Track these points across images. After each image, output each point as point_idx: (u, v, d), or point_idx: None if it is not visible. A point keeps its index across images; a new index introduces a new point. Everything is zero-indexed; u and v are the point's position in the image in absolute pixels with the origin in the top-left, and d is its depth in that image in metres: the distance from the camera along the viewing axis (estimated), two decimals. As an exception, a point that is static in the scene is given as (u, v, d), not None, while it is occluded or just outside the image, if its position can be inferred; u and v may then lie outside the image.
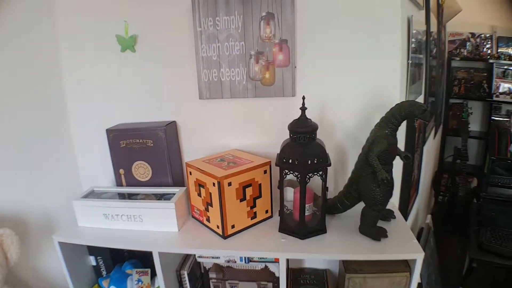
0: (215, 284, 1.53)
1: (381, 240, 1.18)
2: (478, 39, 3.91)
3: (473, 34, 3.91)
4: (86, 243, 1.37)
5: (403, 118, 1.12)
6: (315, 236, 1.23)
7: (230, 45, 1.39)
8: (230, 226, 1.25)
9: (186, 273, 1.40)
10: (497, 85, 3.70)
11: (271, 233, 1.28)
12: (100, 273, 1.56)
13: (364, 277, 1.21)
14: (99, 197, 1.44)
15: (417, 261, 1.12)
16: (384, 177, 1.10)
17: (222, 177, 1.18)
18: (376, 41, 1.33)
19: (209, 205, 1.28)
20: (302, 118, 1.19)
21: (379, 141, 1.12)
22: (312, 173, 1.16)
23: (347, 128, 1.43)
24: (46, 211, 1.52)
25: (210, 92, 1.46)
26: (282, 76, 1.39)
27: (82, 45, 1.52)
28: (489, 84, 3.72)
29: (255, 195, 1.30)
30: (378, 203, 1.16)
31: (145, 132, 1.43)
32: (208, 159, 1.37)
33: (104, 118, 1.57)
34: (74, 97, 1.61)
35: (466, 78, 3.89)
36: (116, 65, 1.52)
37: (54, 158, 1.57)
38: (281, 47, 1.36)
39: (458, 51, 3.95)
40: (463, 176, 3.27)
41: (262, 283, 1.49)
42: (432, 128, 2.71)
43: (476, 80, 3.84)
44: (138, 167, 1.49)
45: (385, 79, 1.37)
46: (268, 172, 1.32)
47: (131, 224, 1.35)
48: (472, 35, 3.92)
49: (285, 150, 1.19)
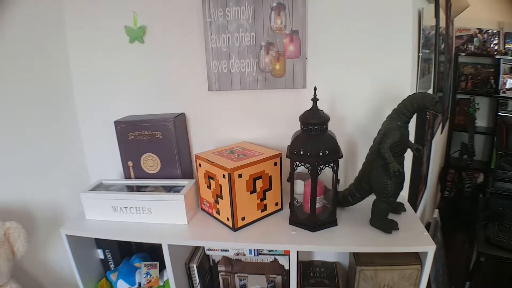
0: (224, 277, 1.53)
1: (392, 232, 1.17)
2: (485, 35, 3.89)
3: (480, 30, 3.89)
4: (94, 236, 1.36)
5: (415, 109, 1.10)
6: (326, 228, 1.22)
7: (240, 36, 1.37)
8: (240, 218, 1.24)
9: (195, 266, 1.40)
10: (504, 81, 3.69)
11: (281, 226, 1.27)
12: (108, 267, 1.55)
13: (375, 270, 1.20)
14: (107, 190, 1.43)
15: (429, 254, 1.11)
16: (397, 169, 1.10)
17: (232, 169, 1.17)
18: (387, 33, 1.32)
19: (219, 197, 1.27)
20: (313, 109, 1.17)
21: (391, 132, 1.11)
22: (324, 165, 1.15)
23: (357, 121, 1.42)
24: (54, 204, 1.52)
25: (219, 84, 1.45)
26: (293, 68, 1.37)
27: (90, 37, 1.52)
28: (496, 80, 3.71)
29: (265, 188, 1.29)
30: (389, 195, 1.15)
31: (154, 124, 1.42)
32: (217, 151, 1.36)
33: (112, 110, 1.56)
34: (82, 89, 1.61)
35: (473, 73, 3.89)
36: (124, 56, 1.51)
37: (62, 151, 1.57)
38: (291, 38, 1.34)
39: (465, 47, 3.94)
40: (470, 172, 3.27)
41: (271, 276, 1.49)
42: (440, 123, 2.70)
43: (483, 76, 3.84)
44: (146, 160, 1.48)
45: (395, 72, 1.35)
46: (278, 164, 1.31)
47: (140, 216, 1.34)
48: (479, 30, 3.90)
49: (296, 141, 1.18)
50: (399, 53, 1.34)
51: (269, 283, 1.51)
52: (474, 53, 3.87)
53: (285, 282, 1.50)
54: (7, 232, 1.18)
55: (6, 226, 1.18)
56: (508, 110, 3.75)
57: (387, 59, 1.34)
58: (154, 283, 1.44)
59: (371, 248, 1.13)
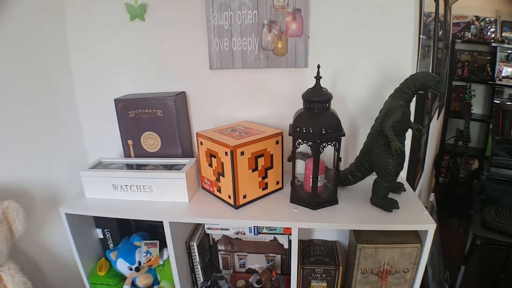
0: (224, 256, 1.54)
1: (393, 211, 1.18)
2: (483, 22, 3.90)
3: (477, 18, 3.90)
4: (93, 214, 1.34)
5: (417, 89, 1.10)
6: (327, 206, 1.23)
7: (242, 13, 1.36)
8: (241, 196, 1.24)
9: (196, 244, 1.40)
10: (500, 68, 3.73)
11: (283, 204, 1.27)
12: (107, 246, 1.55)
13: (376, 248, 1.21)
14: (107, 168, 1.42)
15: (429, 232, 1.12)
16: (398, 147, 1.10)
17: (235, 146, 1.16)
18: (389, 13, 1.30)
19: (220, 175, 1.27)
20: (316, 87, 1.17)
21: (393, 111, 1.11)
22: (326, 143, 1.15)
23: (359, 100, 1.42)
24: (53, 184, 1.51)
25: (221, 62, 1.43)
26: (295, 46, 1.36)
27: (90, 14, 1.49)
28: (492, 68, 3.75)
29: (267, 166, 1.29)
30: (390, 174, 1.15)
31: (154, 102, 1.41)
32: (219, 130, 1.36)
33: (112, 88, 1.54)
34: (80, 67, 1.58)
35: (469, 61, 3.92)
36: (124, 34, 1.49)
37: (60, 130, 1.56)
38: (294, 16, 1.33)
39: (462, 34, 3.95)
40: (465, 158, 3.30)
41: (270, 255, 1.50)
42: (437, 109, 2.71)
43: (480, 63, 3.88)
44: (147, 138, 1.47)
45: (397, 52, 1.35)
46: (280, 142, 1.31)
47: (140, 194, 1.33)
48: (476, 18, 3.91)
49: (298, 119, 1.18)
50: (401, 33, 1.33)
51: (268, 262, 1.52)
52: (471, 40, 3.88)
53: (284, 261, 1.51)
54: (5, 211, 1.17)
55: (4, 205, 1.18)
56: (503, 98, 3.81)
57: (389, 40, 1.33)
58: (154, 261, 1.43)
59: (372, 225, 1.14)
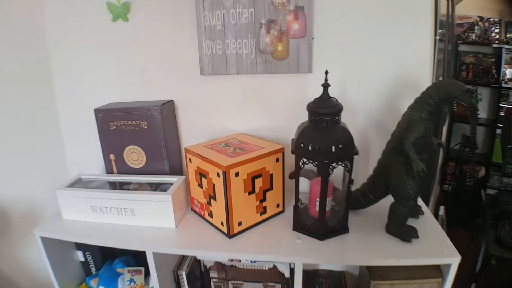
0: (217, 284, 1.43)
1: (412, 241, 1.04)
2: (487, 23, 3.86)
3: (481, 18, 3.87)
4: (70, 239, 1.24)
5: (441, 99, 0.98)
6: (336, 236, 1.09)
7: (237, 12, 1.27)
8: (236, 223, 1.11)
9: (185, 273, 1.29)
10: (505, 71, 3.68)
11: (285, 232, 1.14)
12: (89, 270, 1.47)
13: (392, 284, 1.10)
14: (86, 186, 1.33)
15: (452, 266, 1.00)
16: (421, 168, 0.97)
17: (228, 166, 1.03)
18: (404, 12, 1.22)
19: (212, 198, 1.14)
20: (324, 97, 1.03)
21: (415, 125, 0.98)
22: (336, 163, 1.01)
23: (370, 111, 1.33)
24: (30, 201, 1.45)
25: (213, 67, 1.35)
26: (297, 49, 1.28)
27: (69, 13, 1.42)
28: (497, 70, 3.70)
29: (266, 187, 1.17)
30: (410, 199, 1.02)
31: (138, 113, 1.32)
32: (210, 144, 1.24)
33: (93, 96, 1.47)
34: (60, 73, 1.51)
35: (474, 63, 3.88)
36: (107, 36, 1.42)
37: (39, 142, 1.49)
38: (296, 15, 1.23)
39: (466, 35, 3.91)
40: (471, 165, 3.21)
41: (269, 284, 1.37)
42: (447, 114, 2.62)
43: (484, 65, 3.82)
44: (130, 153, 1.39)
45: (413, 56, 1.26)
46: (280, 160, 1.18)
47: (121, 218, 1.23)
48: (480, 18, 3.88)
49: (303, 134, 1.04)
50: (417, 34, 1.24)
51: (267, 292, 1.39)
52: (475, 41, 3.85)
53: (285, 291, 1.37)
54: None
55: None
56: (509, 101, 3.75)
57: (403, 42, 1.25)
58: (138, 291, 1.34)
59: (388, 261, 1.01)
